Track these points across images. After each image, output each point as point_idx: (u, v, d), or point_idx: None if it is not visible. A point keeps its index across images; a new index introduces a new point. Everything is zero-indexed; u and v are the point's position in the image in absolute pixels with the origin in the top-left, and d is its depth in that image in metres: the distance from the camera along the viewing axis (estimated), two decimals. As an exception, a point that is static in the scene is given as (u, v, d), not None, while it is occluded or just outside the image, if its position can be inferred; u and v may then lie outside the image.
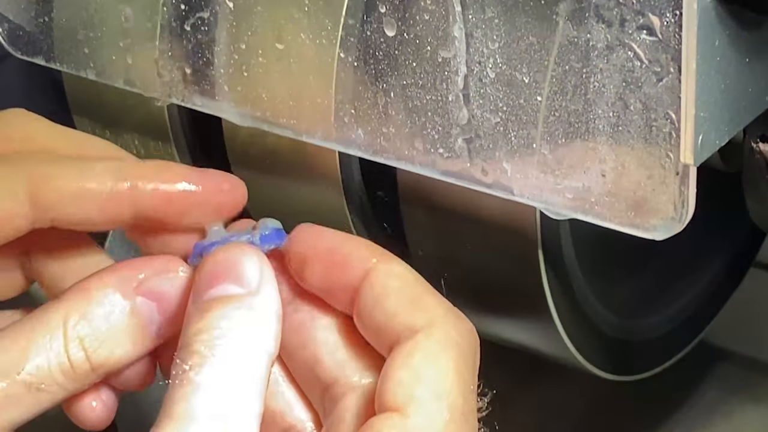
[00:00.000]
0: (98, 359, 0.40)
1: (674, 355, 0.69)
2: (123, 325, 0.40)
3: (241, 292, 0.38)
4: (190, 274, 0.41)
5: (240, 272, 0.39)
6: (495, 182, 0.46)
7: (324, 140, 0.50)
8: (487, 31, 0.44)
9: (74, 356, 0.40)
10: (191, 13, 0.52)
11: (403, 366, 0.37)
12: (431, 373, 0.37)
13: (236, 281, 0.39)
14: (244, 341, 0.37)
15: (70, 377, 0.40)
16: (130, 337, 0.40)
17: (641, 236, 0.43)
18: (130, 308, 0.40)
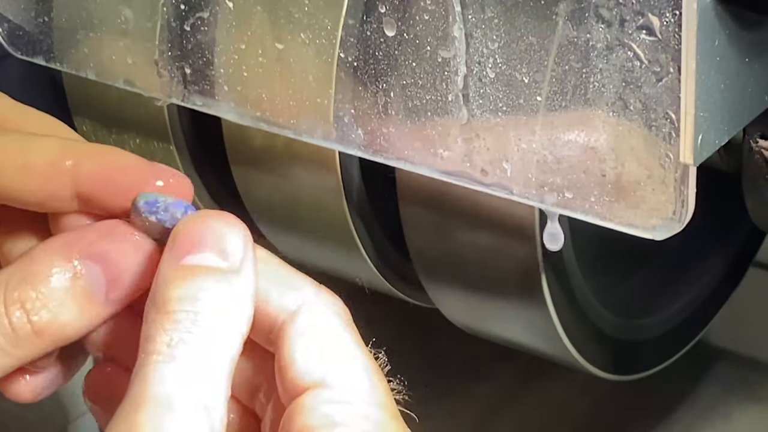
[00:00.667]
0: (40, 322, 0.39)
1: (673, 355, 0.69)
2: (66, 288, 0.39)
3: (223, 266, 0.38)
4: (137, 237, 0.40)
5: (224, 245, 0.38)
6: (494, 182, 0.46)
7: (324, 140, 0.50)
8: (487, 31, 0.44)
9: (15, 319, 0.39)
10: (191, 13, 0.52)
11: (300, 346, 0.38)
12: (330, 344, 0.38)
13: (219, 253, 0.38)
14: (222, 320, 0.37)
15: (11, 340, 0.39)
16: (75, 301, 0.40)
17: (641, 236, 0.43)
18: (73, 271, 0.40)
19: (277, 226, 0.61)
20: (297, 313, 0.38)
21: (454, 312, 0.61)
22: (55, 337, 0.40)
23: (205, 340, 0.36)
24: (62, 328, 0.40)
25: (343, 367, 0.37)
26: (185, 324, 0.36)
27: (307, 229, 0.59)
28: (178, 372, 0.36)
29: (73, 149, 0.41)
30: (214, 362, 0.36)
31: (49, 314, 0.39)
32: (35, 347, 0.40)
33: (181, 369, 0.36)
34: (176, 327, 0.36)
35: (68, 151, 0.41)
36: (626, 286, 0.66)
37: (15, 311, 0.39)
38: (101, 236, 0.40)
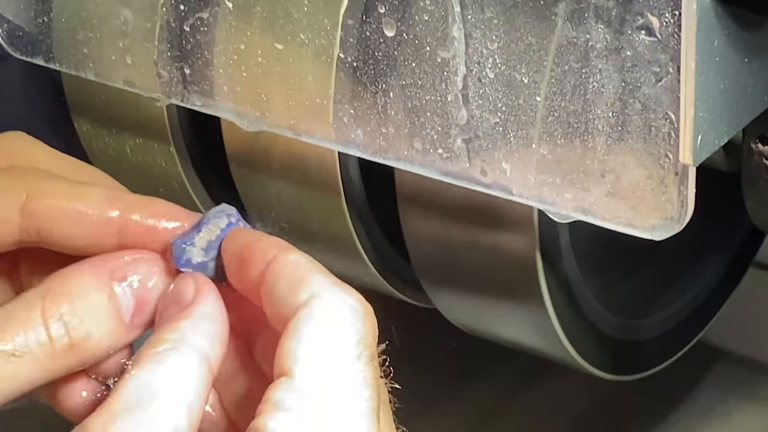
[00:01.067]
0: (78, 336, 0.40)
1: (673, 355, 0.69)
2: (102, 307, 0.41)
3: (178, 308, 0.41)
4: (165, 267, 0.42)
5: (178, 296, 0.41)
6: (494, 182, 0.46)
7: (323, 140, 0.50)
8: (486, 32, 0.44)
9: (54, 331, 0.40)
10: (190, 13, 0.52)
11: (287, 337, 0.38)
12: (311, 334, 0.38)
13: (176, 303, 0.41)
14: (173, 345, 0.39)
15: (47, 352, 0.40)
16: (107, 321, 0.41)
17: (640, 236, 0.43)
18: (108, 292, 0.41)
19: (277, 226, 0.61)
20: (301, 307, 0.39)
21: (453, 312, 0.61)
22: (86, 354, 0.41)
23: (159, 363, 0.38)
24: (95, 345, 0.41)
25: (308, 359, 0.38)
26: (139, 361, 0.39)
27: (306, 230, 0.59)
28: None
29: (120, 200, 0.43)
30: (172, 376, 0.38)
31: (84, 329, 0.40)
32: (67, 362, 0.41)
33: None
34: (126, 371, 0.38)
35: (115, 201, 0.43)
36: (626, 286, 0.66)
37: (54, 323, 0.40)
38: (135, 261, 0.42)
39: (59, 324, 0.40)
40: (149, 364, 0.38)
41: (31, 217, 0.43)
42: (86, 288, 0.41)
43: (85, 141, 0.66)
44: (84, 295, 0.41)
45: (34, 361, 0.40)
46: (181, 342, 0.39)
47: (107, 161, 0.65)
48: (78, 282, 0.41)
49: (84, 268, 0.42)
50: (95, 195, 0.43)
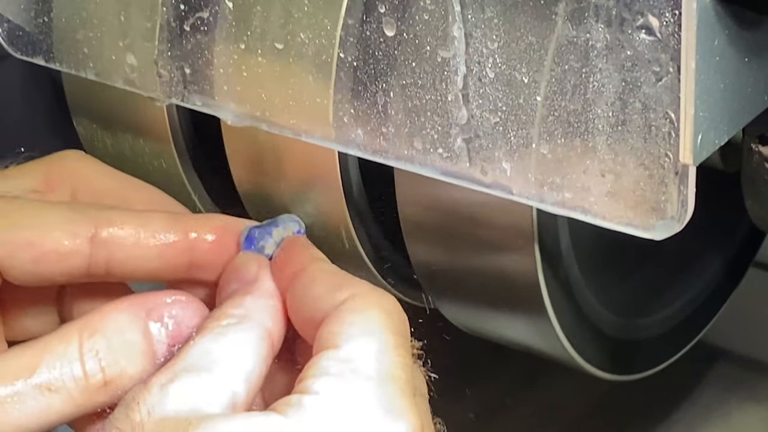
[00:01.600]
0: (112, 373, 0.41)
1: (673, 355, 0.69)
2: (137, 345, 0.42)
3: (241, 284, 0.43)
4: (197, 307, 0.43)
5: (239, 272, 0.44)
6: (494, 182, 0.46)
7: (323, 140, 0.50)
8: (487, 31, 0.44)
9: (89, 366, 0.41)
10: (191, 13, 0.52)
11: (332, 321, 0.40)
12: (358, 319, 0.40)
13: (238, 281, 0.44)
14: (237, 320, 0.41)
15: (81, 387, 0.41)
16: (141, 360, 0.42)
17: (640, 236, 0.43)
18: (143, 329, 0.42)
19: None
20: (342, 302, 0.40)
21: (453, 312, 0.61)
22: (117, 391, 0.42)
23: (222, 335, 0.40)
24: (127, 382, 0.41)
25: (357, 336, 0.39)
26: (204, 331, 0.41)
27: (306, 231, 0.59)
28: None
29: (182, 221, 0.46)
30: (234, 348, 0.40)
31: (118, 367, 0.41)
32: (98, 399, 0.41)
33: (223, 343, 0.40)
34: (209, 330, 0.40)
35: (178, 224, 0.45)
36: (626, 286, 0.66)
37: (89, 359, 0.41)
38: (173, 302, 0.43)
39: (95, 360, 0.41)
40: (213, 334, 0.40)
41: (101, 247, 0.44)
42: (123, 325, 0.42)
43: (85, 141, 0.66)
44: (120, 332, 0.42)
45: (67, 395, 0.40)
46: (245, 317, 0.40)
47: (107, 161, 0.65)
48: (115, 319, 0.42)
49: (122, 306, 0.43)
50: (159, 219, 0.45)
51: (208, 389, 0.38)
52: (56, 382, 0.40)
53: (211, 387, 0.38)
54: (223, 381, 0.38)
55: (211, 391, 0.38)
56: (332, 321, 0.40)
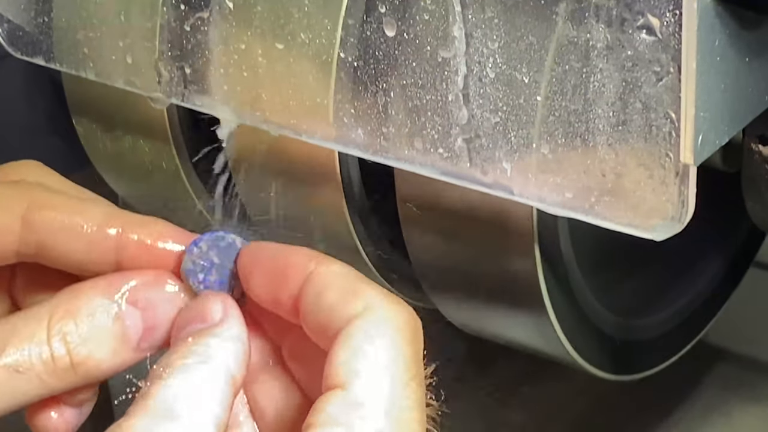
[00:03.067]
0: (78, 356, 0.41)
1: (673, 355, 0.69)
2: (107, 328, 0.41)
3: (205, 326, 0.40)
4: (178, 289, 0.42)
5: (204, 313, 0.41)
6: (495, 182, 0.46)
7: (323, 140, 0.50)
8: (487, 31, 0.44)
9: (56, 349, 0.40)
10: (191, 13, 0.52)
11: (342, 348, 0.38)
12: (368, 348, 0.38)
13: (201, 321, 0.41)
14: (203, 360, 0.39)
15: (49, 369, 0.40)
16: (112, 342, 0.41)
17: (641, 236, 0.43)
18: (116, 313, 0.41)
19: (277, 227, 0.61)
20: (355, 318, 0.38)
21: (453, 312, 0.61)
22: (88, 374, 0.41)
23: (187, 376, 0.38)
24: (96, 365, 0.41)
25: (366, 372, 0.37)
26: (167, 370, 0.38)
27: (306, 231, 0.59)
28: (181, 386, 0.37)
29: (119, 217, 0.43)
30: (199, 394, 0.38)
31: (86, 350, 0.41)
32: (68, 380, 0.41)
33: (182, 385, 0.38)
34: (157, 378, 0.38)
35: (114, 219, 0.43)
36: (626, 286, 0.66)
37: (56, 342, 0.40)
38: (146, 283, 0.42)
39: (61, 343, 0.40)
40: (181, 374, 0.38)
41: (31, 227, 0.43)
42: (93, 307, 0.41)
43: (85, 141, 0.66)
44: (90, 314, 0.41)
45: (36, 377, 0.40)
46: (210, 358, 0.39)
47: (107, 161, 0.65)
48: (86, 301, 0.41)
49: (95, 286, 0.42)
50: (95, 210, 0.43)
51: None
52: (24, 363, 0.40)
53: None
54: (194, 428, 0.38)
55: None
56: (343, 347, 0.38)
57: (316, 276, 0.40)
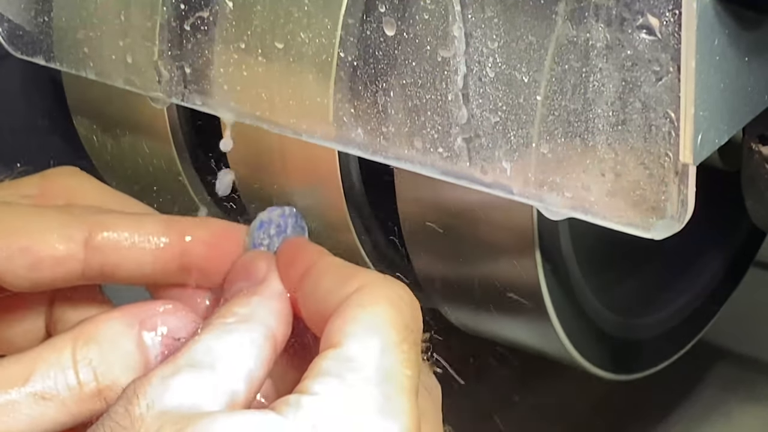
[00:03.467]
0: (105, 382, 0.41)
1: (673, 355, 0.69)
2: (130, 355, 0.41)
3: (249, 283, 0.42)
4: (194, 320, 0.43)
5: (247, 271, 0.43)
6: (494, 182, 0.46)
7: (323, 140, 0.50)
8: (487, 31, 0.44)
9: (82, 375, 0.41)
10: (191, 12, 0.52)
11: (337, 317, 0.40)
12: (362, 314, 0.39)
13: (246, 279, 0.43)
14: (244, 319, 0.40)
15: (75, 395, 0.40)
16: (134, 368, 0.41)
17: (640, 235, 0.43)
18: (137, 339, 0.42)
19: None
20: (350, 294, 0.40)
21: (453, 312, 0.61)
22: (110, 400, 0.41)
23: (226, 333, 0.39)
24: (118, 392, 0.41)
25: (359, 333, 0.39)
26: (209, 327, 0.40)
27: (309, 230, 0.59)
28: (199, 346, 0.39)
29: (176, 224, 0.45)
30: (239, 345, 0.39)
31: (112, 375, 0.41)
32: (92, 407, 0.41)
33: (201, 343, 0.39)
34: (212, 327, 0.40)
35: (173, 227, 0.45)
36: (626, 285, 0.66)
37: (83, 367, 0.41)
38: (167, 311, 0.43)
39: (88, 369, 0.41)
40: (218, 332, 0.39)
41: (95, 251, 0.44)
42: (116, 335, 0.42)
43: (85, 141, 0.66)
44: (114, 341, 0.41)
45: (61, 404, 0.40)
46: (251, 317, 0.40)
47: (107, 161, 0.65)
48: (108, 328, 0.42)
49: (115, 315, 0.42)
50: (153, 223, 0.45)
51: (210, 386, 0.38)
52: (50, 390, 0.40)
53: (212, 384, 0.38)
54: (225, 379, 0.38)
55: (213, 388, 0.38)
56: (337, 317, 0.40)
57: (314, 267, 0.42)
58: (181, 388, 0.38)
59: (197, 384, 0.38)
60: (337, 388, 0.38)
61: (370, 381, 0.38)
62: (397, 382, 0.38)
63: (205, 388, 0.38)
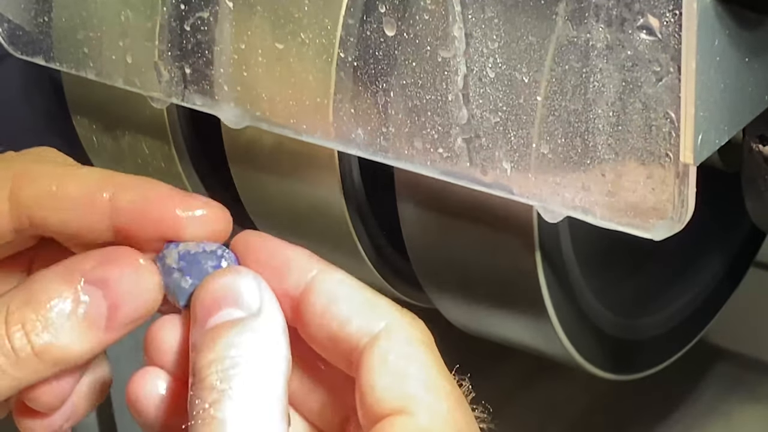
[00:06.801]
0: (40, 343, 0.39)
1: (673, 355, 0.69)
2: (67, 312, 0.40)
3: (243, 315, 0.38)
4: (141, 261, 0.40)
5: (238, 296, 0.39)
6: (494, 182, 0.46)
7: (323, 140, 0.50)
8: (487, 31, 0.44)
9: (16, 340, 0.39)
10: (191, 13, 0.52)
11: (382, 371, 0.37)
12: (413, 370, 0.37)
13: (236, 305, 0.38)
14: (256, 366, 0.37)
15: (12, 360, 0.39)
16: (76, 325, 0.40)
17: (640, 236, 0.43)
18: (74, 295, 0.40)
19: (277, 226, 0.61)
20: (378, 338, 0.38)
21: (453, 312, 0.61)
22: (56, 360, 0.40)
23: (246, 393, 0.36)
24: (62, 350, 0.40)
25: (423, 395, 0.37)
26: (221, 386, 0.36)
27: (306, 230, 0.59)
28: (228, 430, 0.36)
29: (110, 180, 0.41)
30: (260, 409, 0.36)
31: (49, 336, 0.39)
32: (36, 369, 0.40)
33: (230, 427, 0.36)
34: (213, 390, 0.36)
35: (106, 183, 0.41)
36: (626, 286, 0.66)
37: (16, 332, 0.39)
38: (103, 261, 0.40)
39: (20, 333, 0.39)
40: (240, 387, 0.36)
41: (19, 205, 0.41)
42: (50, 293, 0.40)
43: (85, 141, 0.66)
44: (47, 301, 0.40)
45: (1, 372, 0.39)
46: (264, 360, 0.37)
47: (107, 161, 0.65)
48: (42, 288, 0.40)
49: (52, 272, 0.40)
50: (87, 176, 0.42)
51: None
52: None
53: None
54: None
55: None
56: (380, 370, 0.37)
57: (320, 283, 0.39)
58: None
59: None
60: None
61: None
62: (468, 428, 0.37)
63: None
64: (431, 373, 0.38)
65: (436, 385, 0.37)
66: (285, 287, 0.40)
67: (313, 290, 0.39)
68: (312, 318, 0.39)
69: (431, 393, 0.37)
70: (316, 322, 0.39)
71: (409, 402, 0.37)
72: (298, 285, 0.39)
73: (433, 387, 0.37)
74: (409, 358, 0.38)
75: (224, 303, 0.38)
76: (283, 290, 0.40)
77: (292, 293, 0.40)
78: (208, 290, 0.39)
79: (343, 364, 0.39)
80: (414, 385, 0.37)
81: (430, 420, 0.37)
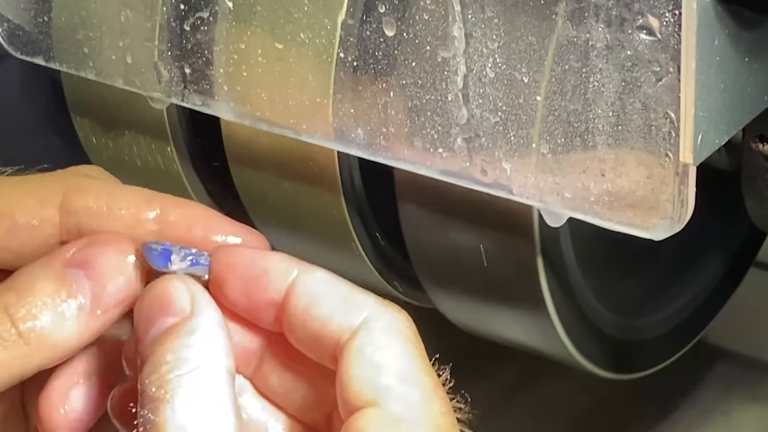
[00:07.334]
0: (24, 326, 0.39)
1: (673, 355, 0.69)
2: (49, 293, 0.40)
3: (177, 320, 0.38)
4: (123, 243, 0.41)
5: (170, 303, 0.39)
6: (494, 182, 0.46)
7: (323, 140, 0.50)
8: (487, 31, 0.44)
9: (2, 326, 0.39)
10: (191, 13, 0.52)
11: (357, 363, 0.37)
12: (388, 360, 0.37)
13: (169, 313, 0.39)
14: (195, 366, 0.37)
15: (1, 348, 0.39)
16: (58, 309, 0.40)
17: (640, 236, 0.43)
18: (57, 281, 0.40)
19: (276, 226, 0.61)
20: (357, 331, 0.38)
21: (453, 312, 0.61)
22: (44, 345, 0.40)
23: (183, 391, 0.37)
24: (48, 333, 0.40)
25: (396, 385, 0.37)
26: (159, 391, 0.37)
27: (306, 230, 0.59)
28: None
29: (157, 199, 0.42)
30: (201, 406, 0.36)
31: (32, 318, 0.39)
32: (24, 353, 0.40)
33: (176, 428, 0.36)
34: (152, 398, 0.37)
35: (153, 201, 0.42)
36: (626, 286, 0.66)
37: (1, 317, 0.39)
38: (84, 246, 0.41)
39: (5, 314, 0.39)
40: (180, 390, 0.36)
41: (70, 215, 0.42)
42: (31, 277, 0.40)
43: (85, 141, 0.66)
44: (32, 285, 0.40)
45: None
46: (202, 360, 0.37)
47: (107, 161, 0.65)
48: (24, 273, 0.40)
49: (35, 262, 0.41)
50: (133, 193, 0.43)
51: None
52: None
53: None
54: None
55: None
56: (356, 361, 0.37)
57: (301, 285, 0.39)
58: None
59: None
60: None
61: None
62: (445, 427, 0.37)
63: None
64: (406, 362, 0.38)
65: (410, 374, 0.37)
66: (268, 296, 0.40)
67: (293, 293, 0.39)
68: (295, 321, 0.39)
69: (404, 383, 0.37)
70: (299, 324, 0.39)
71: (382, 393, 0.37)
72: (279, 291, 0.39)
73: (407, 377, 0.37)
74: (386, 349, 0.38)
75: (158, 314, 0.39)
76: (266, 300, 0.40)
77: (276, 301, 0.40)
78: (142, 307, 0.39)
79: (330, 362, 0.39)
80: (387, 375, 0.37)
81: (403, 410, 0.37)
